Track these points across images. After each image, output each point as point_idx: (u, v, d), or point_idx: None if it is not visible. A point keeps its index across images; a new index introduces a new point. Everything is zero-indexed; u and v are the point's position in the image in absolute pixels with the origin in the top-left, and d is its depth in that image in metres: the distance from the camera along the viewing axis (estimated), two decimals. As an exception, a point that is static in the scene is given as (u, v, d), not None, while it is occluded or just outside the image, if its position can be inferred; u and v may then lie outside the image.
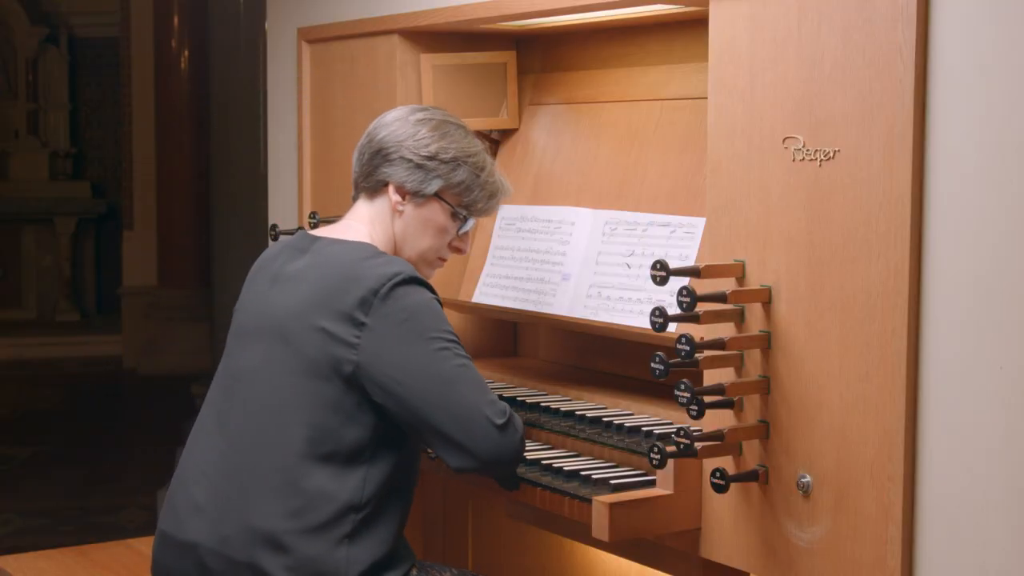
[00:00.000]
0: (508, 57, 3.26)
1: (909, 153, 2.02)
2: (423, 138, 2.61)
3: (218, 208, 6.90)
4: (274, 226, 3.50)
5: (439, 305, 2.50)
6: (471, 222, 2.70)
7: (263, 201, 4.20)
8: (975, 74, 1.95)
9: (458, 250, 2.73)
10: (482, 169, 2.66)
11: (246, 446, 2.48)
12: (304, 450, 2.43)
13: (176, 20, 10.02)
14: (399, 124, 2.64)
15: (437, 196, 2.63)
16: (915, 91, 2.01)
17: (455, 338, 2.46)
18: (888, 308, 2.05)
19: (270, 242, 3.50)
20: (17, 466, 7.53)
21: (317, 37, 3.54)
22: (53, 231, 12.24)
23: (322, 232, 2.65)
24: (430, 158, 2.60)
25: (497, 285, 3.15)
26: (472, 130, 2.73)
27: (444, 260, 2.73)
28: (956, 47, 1.98)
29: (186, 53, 10.00)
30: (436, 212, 2.64)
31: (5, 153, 12.29)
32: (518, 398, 2.88)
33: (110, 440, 8.21)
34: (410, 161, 2.60)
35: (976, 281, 1.96)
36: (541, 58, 3.29)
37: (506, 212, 3.19)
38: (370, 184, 2.64)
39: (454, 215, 2.65)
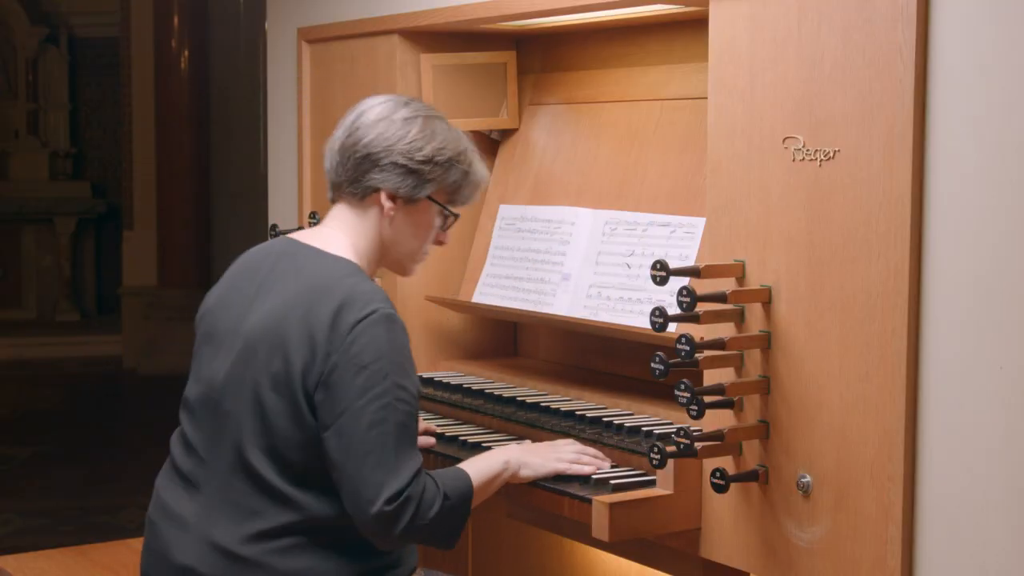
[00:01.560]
0: (508, 57, 3.26)
1: (909, 153, 2.02)
2: (415, 140, 2.49)
3: (218, 208, 6.90)
4: (274, 226, 3.50)
5: (405, 338, 2.39)
6: (456, 215, 2.62)
7: (263, 201, 4.20)
8: (975, 74, 1.95)
9: (440, 243, 2.64)
10: (471, 164, 2.58)
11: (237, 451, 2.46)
12: (275, 469, 2.39)
13: (176, 20, 10.01)
14: (385, 125, 2.51)
15: (428, 197, 2.54)
16: (915, 91, 2.01)
17: (409, 390, 2.35)
18: (888, 308, 2.05)
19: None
20: (17, 466, 7.52)
21: (317, 37, 3.54)
22: (53, 231, 12.22)
23: (306, 239, 2.54)
24: (425, 162, 2.49)
25: (497, 285, 3.15)
26: (466, 130, 2.65)
27: (427, 254, 2.64)
28: (956, 47, 1.98)
29: (186, 53, 9.99)
30: (427, 213, 2.55)
31: (5, 153, 12.27)
32: (518, 398, 2.88)
33: (110, 440, 8.20)
34: (403, 167, 2.49)
35: (976, 281, 1.96)
36: (541, 58, 3.29)
37: (506, 212, 3.19)
38: (357, 190, 2.52)
39: (442, 212, 2.58)
